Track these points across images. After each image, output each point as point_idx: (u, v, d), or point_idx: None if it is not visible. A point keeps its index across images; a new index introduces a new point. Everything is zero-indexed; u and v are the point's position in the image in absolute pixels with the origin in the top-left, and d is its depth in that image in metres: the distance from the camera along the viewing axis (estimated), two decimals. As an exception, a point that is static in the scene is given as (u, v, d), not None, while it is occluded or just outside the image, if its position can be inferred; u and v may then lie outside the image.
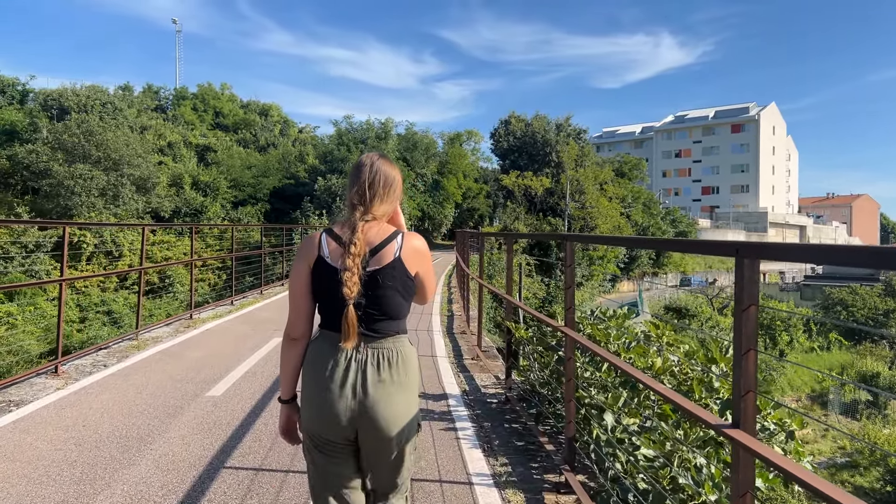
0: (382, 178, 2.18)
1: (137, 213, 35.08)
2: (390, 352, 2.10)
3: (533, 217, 44.38)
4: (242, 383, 6.19)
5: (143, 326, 9.02)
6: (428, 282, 2.22)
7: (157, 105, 56.54)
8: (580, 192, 44.53)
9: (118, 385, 6.00)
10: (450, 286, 18.30)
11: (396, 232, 2.15)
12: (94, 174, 32.40)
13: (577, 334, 3.78)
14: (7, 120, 41.63)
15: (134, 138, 36.72)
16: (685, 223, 64.28)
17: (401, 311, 2.14)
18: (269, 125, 57.09)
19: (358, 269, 2.02)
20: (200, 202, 37.68)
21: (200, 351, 7.72)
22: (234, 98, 62.33)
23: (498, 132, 49.45)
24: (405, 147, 48.21)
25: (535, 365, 5.62)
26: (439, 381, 6.44)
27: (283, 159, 45.64)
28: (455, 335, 9.39)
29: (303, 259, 2.13)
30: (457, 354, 7.91)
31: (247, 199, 40.64)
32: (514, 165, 47.24)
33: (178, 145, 44.57)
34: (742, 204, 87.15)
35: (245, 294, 14.07)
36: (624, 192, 51.08)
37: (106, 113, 42.35)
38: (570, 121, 49.61)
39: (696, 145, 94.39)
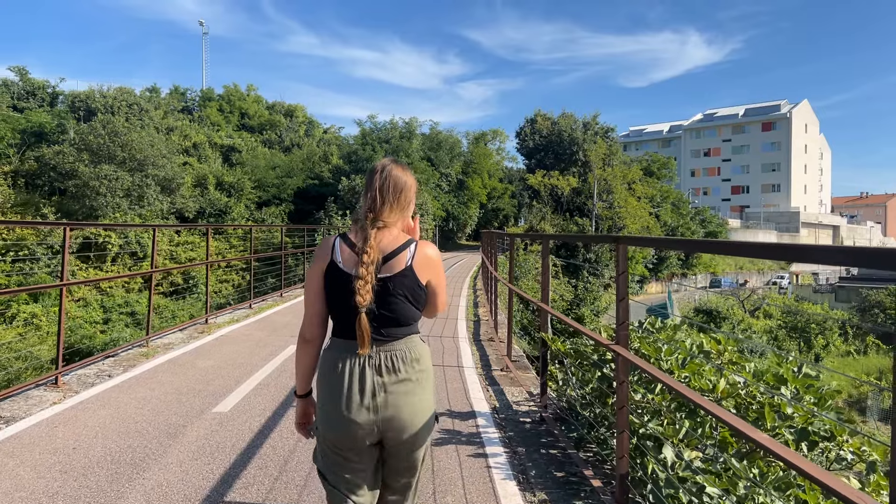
0: (392, 184, 2.19)
1: (162, 213, 35.09)
2: (402, 352, 2.12)
3: (559, 217, 43.61)
4: (253, 397, 5.70)
5: (155, 332, 8.61)
6: (440, 292, 2.24)
7: (183, 106, 56.83)
8: (608, 191, 43.65)
9: (119, 399, 5.55)
10: (475, 288, 17.75)
11: (410, 240, 2.17)
12: (119, 175, 32.43)
13: (632, 355, 3.21)
14: (36, 122, 42.03)
15: (159, 139, 36.76)
16: (715, 223, 62.96)
17: (411, 318, 2.16)
18: (295, 126, 57.07)
19: (371, 277, 2.03)
20: (225, 203, 37.61)
21: (212, 360, 7.27)
22: (260, 99, 62.50)
23: (523, 131, 48.74)
24: (429, 147, 47.77)
25: (573, 380, 5.06)
26: (466, 396, 5.89)
27: (308, 160, 45.49)
28: (482, 342, 8.83)
29: (317, 263, 2.15)
30: (485, 365, 7.35)
31: (271, 199, 40.50)
32: (541, 165, 46.50)
33: (203, 146, 44.65)
34: (773, 203, 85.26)
35: (265, 297, 13.67)
36: (652, 191, 50.04)
37: (132, 114, 42.55)
38: (597, 119, 48.71)
39: (725, 144, 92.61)
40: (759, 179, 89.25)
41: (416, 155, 45.21)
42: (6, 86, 49.49)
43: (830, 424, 3.67)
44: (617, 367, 3.27)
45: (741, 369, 4.05)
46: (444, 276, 2.29)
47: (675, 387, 2.85)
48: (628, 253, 14.68)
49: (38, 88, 51.18)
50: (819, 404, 3.70)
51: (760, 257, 2.15)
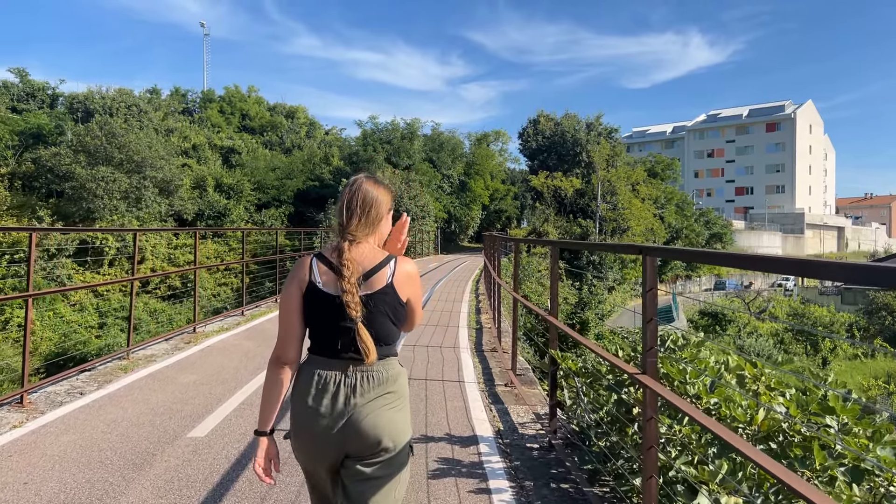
0: (361, 199, 2.16)
1: (160, 215, 34.68)
2: (378, 373, 2.08)
3: (563, 219, 43.07)
4: (234, 419, 5.21)
5: (138, 343, 8.13)
6: (416, 308, 2.22)
7: (184, 108, 56.46)
8: (612, 192, 43.10)
9: (87, 421, 5.06)
10: (477, 293, 17.24)
11: (390, 257, 2.15)
12: (116, 177, 32.03)
13: (665, 389, 2.72)
14: (34, 123, 41.66)
15: (157, 140, 36.35)
16: (720, 224, 62.39)
17: (391, 336, 2.14)
18: (296, 127, 56.66)
19: (356, 290, 2.02)
20: (224, 205, 37.18)
21: (195, 374, 6.78)
22: (261, 101, 62.12)
23: (526, 132, 48.23)
24: (431, 148, 47.28)
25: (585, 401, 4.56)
26: (468, 416, 5.40)
27: (308, 161, 45.05)
28: (485, 353, 8.33)
29: (293, 283, 2.11)
30: (487, 379, 6.86)
31: (271, 201, 40.07)
32: (544, 166, 45.98)
33: (202, 147, 44.25)
34: (777, 205, 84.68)
35: (258, 303, 13.16)
36: (657, 192, 49.48)
37: (131, 115, 42.17)
38: (600, 120, 48.19)
39: (729, 145, 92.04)
40: (763, 180, 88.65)
41: (418, 156, 44.74)
42: (6, 87, 49.16)
43: (886, 461, 3.18)
44: (644, 401, 2.77)
45: (779, 395, 3.55)
46: (421, 290, 2.26)
47: (711, 428, 2.36)
48: (629, 257, 14.02)
49: (38, 90, 50.83)
50: (875, 438, 3.21)
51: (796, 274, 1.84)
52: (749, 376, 3.59)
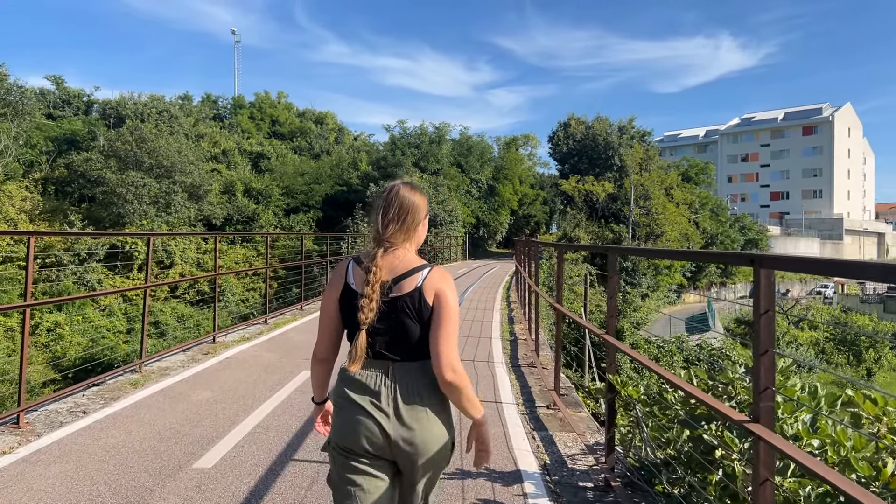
0: (398, 205, 2.19)
1: (189, 220, 34.63)
2: (416, 375, 2.10)
3: (594, 224, 42.15)
4: (247, 446, 4.66)
5: (151, 355, 7.66)
6: (446, 315, 2.09)
7: (214, 114, 56.88)
8: (645, 197, 42.08)
9: (84, 447, 4.55)
10: (509, 300, 16.59)
11: (425, 265, 2.17)
12: (146, 181, 32.03)
13: (785, 442, 2.07)
14: (68, 129, 42.18)
15: (186, 145, 36.35)
16: (755, 230, 60.80)
17: (419, 338, 2.11)
18: (325, 133, 56.63)
19: (376, 296, 2.07)
20: (252, 210, 37.02)
21: (209, 390, 6.26)
22: (291, 106, 62.32)
23: (556, 135, 47.43)
24: (459, 152, 46.72)
25: (647, 434, 3.92)
26: (508, 446, 4.77)
27: (337, 166, 44.80)
28: (522, 369, 7.69)
29: (332, 285, 2.20)
30: (527, 400, 6.22)
31: (299, 206, 39.85)
32: (574, 170, 45.14)
33: (232, 153, 44.30)
34: (814, 210, 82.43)
35: (283, 311, 12.67)
36: (691, 197, 48.27)
37: (162, 121, 42.39)
38: (633, 123, 47.18)
39: (763, 149, 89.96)
40: (799, 185, 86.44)
41: (446, 160, 44.20)
42: (42, 95, 49.85)
43: None
44: (757, 459, 2.13)
45: None
46: (456, 311, 2.13)
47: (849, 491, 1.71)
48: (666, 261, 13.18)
49: (74, 97, 51.51)
50: None
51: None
52: (867, 414, 2.91)
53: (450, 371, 2.03)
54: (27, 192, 33.76)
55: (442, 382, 2.05)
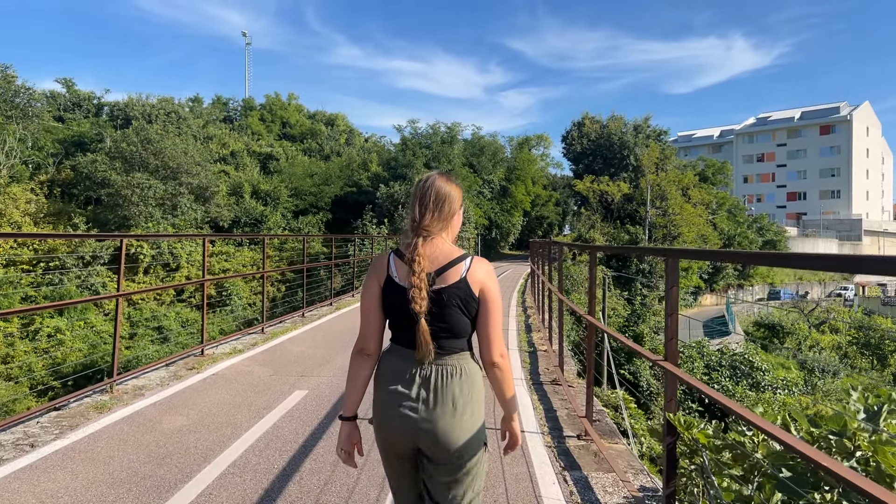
0: (434, 195, 2.23)
1: (196, 222, 34.00)
2: (454, 368, 2.13)
3: (609, 225, 41.11)
4: (215, 493, 3.81)
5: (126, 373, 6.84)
6: (493, 307, 2.16)
7: (225, 116, 56.43)
8: (661, 197, 40.98)
9: (12, 499, 3.73)
10: (524, 306, 15.68)
11: (467, 254, 2.21)
12: (151, 183, 31.42)
13: None
14: (77, 132, 41.79)
15: (192, 146, 35.73)
16: (773, 231, 59.55)
17: (464, 330, 2.15)
18: (335, 135, 56.00)
19: (425, 285, 2.07)
20: (260, 212, 36.34)
21: (185, 415, 5.43)
22: (301, 108, 61.79)
23: (570, 135, 46.44)
24: (471, 152, 45.82)
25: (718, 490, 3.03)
26: (535, 492, 3.89)
27: (347, 167, 44.05)
28: (544, 386, 6.80)
29: (373, 278, 2.19)
30: (553, 427, 5.33)
31: (308, 208, 39.14)
32: (588, 170, 44.14)
33: (241, 154, 43.70)
34: (832, 210, 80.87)
35: (283, 318, 11.82)
36: (708, 197, 47.13)
37: (170, 122, 41.87)
38: (648, 122, 46.10)
39: (780, 148, 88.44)
40: (816, 185, 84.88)
41: (458, 161, 43.32)
42: (53, 97, 49.56)
43: None
44: None
45: None
46: (500, 301, 2.21)
47: None
48: (684, 263, 12.27)
49: (84, 100, 51.18)
50: None
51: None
52: None
53: (498, 355, 2.16)
54: (32, 195, 33.23)
55: (490, 365, 2.17)
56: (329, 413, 5.55)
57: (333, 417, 5.40)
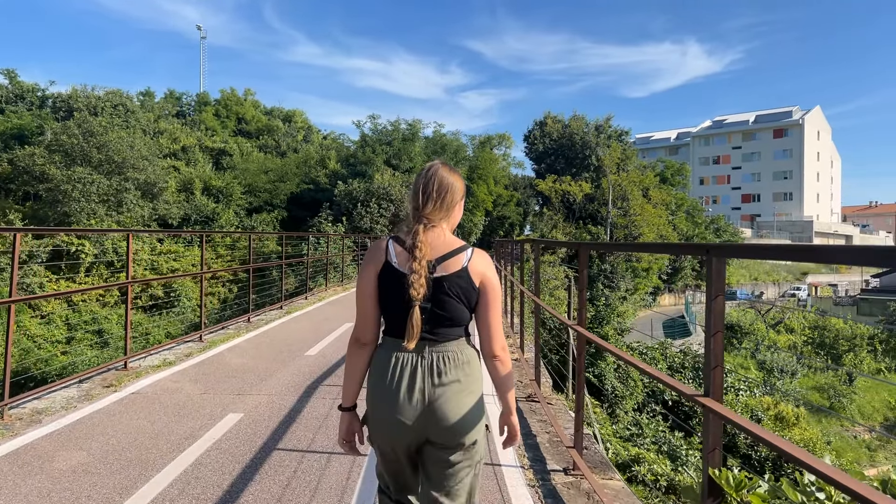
0: (437, 183, 2.21)
1: (143, 220, 32.31)
2: (454, 353, 2.12)
3: (571, 225, 40.70)
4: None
5: (33, 391, 5.76)
6: (493, 298, 2.17)
7: (178, 111, 54.43)
8: (622, 198, 40.75)
9: None
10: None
11: (468, 245, 2.21)
12: (94, 178, 29.66)
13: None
14: (16, 124, 39.61)
15: (139, 140, 33.98)
16: (730, 232, 60.37)
17: (463, 318, 2.15)
18: (293, 131, 54.49)
19: (425, 272, 2.06)
20: (212, 209, 34.75)
21: (87, 450, 4.42)
22: (258, 104, 60.01)
23: (532, 134, 45.94)
24: (433, 150, 44.94)
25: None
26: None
27: (304, 164, 42.67)
28: (518, 403, 5.97)
29: (370, 264, 2.17)
30: (535, 458, 4.49)
31: (262, 205, 37.69)
32: (551, 169, 43.68)
33: (192, 149, 41.95)
34: (785, 212, 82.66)
35: (226, 324, 10.72)
36: (668, 198, 47.23)
37: (117, 115, 39.94)
38: (610, 122, 45.89)
39: (735, 151, 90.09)
40: (770, 188, 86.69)
41: (419, 159, 42.38)
42: (-6, 89, 47.00)
43: None
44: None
45: None
46: (501, 293, 2.24)
47: None
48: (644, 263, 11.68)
49: (28, 92, 48.64)
50: None
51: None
52: None
53: (499, 347, 2.18)
54: (-37, 190, 31.14)
55: (491, 356, 2.19)
56: (267, 443, 4.61)
57: (272, 449, 4.47)
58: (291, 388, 6.24)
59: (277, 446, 4.55)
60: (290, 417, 5.26)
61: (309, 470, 4.09)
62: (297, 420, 5.20)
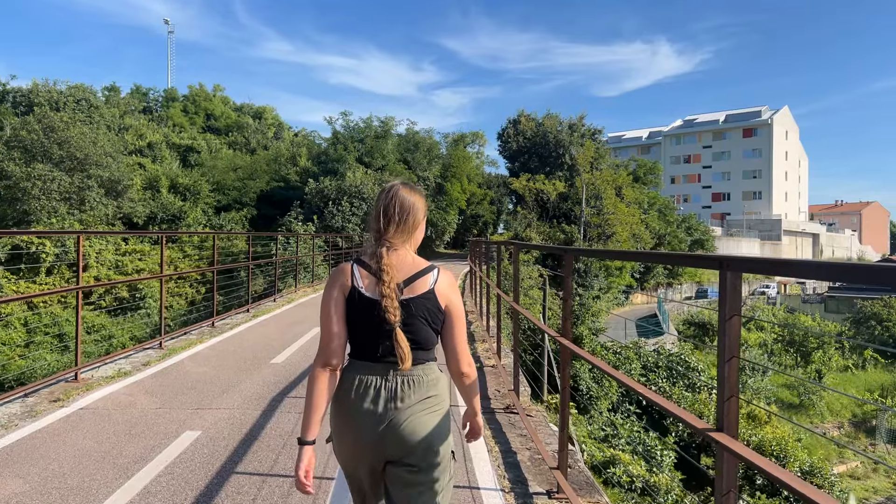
0: (398, 205, 2.19)
1: (107, 218, 31.38)
2: (419, 377, 2.08)
3: (545, 224, 40.58)
4: None
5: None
6: (458, 320, 2.17)
7: (144, 107, 53.12)
8: (596, 196, 40.74)
9: None
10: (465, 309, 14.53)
11: (433, 266, 2.19)
12: (55, 175, 28.69)
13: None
14: (-28, 119, 38.20)
15: (103, 136, 32.99)
16: (701, 231, 60.90)
17: (431, 341, 2.13)
18: (263, 128, 53.55)
19: (395, 295, 2.04)
20: (179, 207, 33.90)
21: (25, 476, 3.98)
22: (227, 100, 58.92)
23: (506, 132, 45.73)
24: (406, 148, 44.48)
25: None
26: None
27: (274, 161, 41.90)
28: (497, 415, 5.63)
29: (335, 288, 2.12)
30: (517, 479, 4.16)
31: (231, 203, 36.90)
32: (525, 168, 43.51)
33: (159, 146, 40.93)
34: (754, 211, 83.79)
35: (189, 329, 10.22)
36: (641, 196, 47.39)
37: (80, 111, 38.78)
38: (583, 120, 45.88)
39: (706, 150, 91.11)
40: (740, 186, 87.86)
41: (392, 157, 41.94)
42: (-50, 84, 45.33)
43: None
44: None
45: None
46: (464, 313, 2.22)
47: None
48: (617, 262, 11.63)
49: (-14, 86, 47.08)
50: None
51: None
52: None
53: (466, 364, 2.18)
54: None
55: (458, 374, 2.19)
56: (225, 465, 4.22)
57: (230, 473, 4.09)
58: (255, 401, 5.84)
59: (237, 469, 4.16)
60: (252, 435, 4.87)
61: (270, 496, 3.72)
62: (259, 437, 4.81)
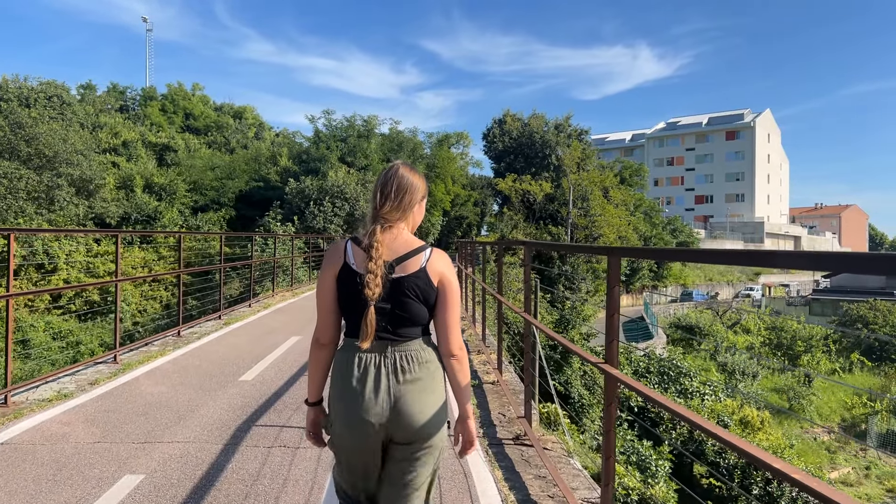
0: (396, 184, 2.18)
1: (78, 218, 30.07)
2: (416, 352, 2.10)
3: (531, 225, 39.82)
4: None
5: None
6: (451, 297, 2.16)
7: (121, 105, 51.65)
8: (583, 197, 40.06)
9: None
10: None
11: (426, 245, 2.18)
12: (22, 173, 27.36)
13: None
14: (-62, 115, 36.65)
15: (74, 134, 31.69)
16: (686, 233, 60.68)
17: (422, 318, 2.13)
18: (244, 128, 52.32)
19: (381, 272, 2.03)
20: (154, 207, 32.63)
21: None
22: (207, 100, 57.51)
23: (492, 132, 44.93)
24: (389, 148, 43.51)
25: None
26: None
27: (254, 161, 40.72)
28: (506, 449, 4.72)
29: (329, 266, 2.14)
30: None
31: (209, 203, 35.68)
32: (510, 169, 42.74)
33: (134, 144, 39.59)
34: (737, 213, 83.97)
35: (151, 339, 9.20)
36: (628, 198, 46.85)
37: (52, 108, 37.38)
38: (569, 120, 45.22)
39: (689, 153, 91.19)
40: (723, 189, 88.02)
41: (376, 156, 40.93)
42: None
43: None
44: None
45: None
46: (459, 292, 2.21)
47: None
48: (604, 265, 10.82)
49: (-42, 83, 45.36)
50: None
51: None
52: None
53: (457, 348, 2.16)
54: None
55: (448, 355, 2.16)
56: None
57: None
58: (216, 431, 4.88)
59: (183, 531, 3.23)
60: (209, 480, 3.92)
61: None
62: (217, 483, 3.87)
